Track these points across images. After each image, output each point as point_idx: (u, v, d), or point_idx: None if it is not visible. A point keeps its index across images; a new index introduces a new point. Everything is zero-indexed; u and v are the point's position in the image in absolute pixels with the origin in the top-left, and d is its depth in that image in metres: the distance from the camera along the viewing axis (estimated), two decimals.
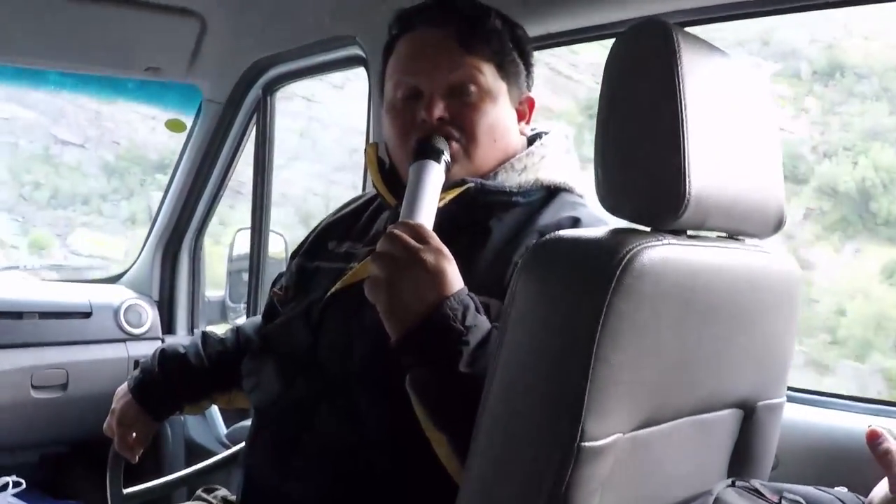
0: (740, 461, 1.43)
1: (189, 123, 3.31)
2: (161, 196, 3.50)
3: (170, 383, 1.95)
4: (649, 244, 1.11)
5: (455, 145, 1.59)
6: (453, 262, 1.37)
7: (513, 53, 1.67)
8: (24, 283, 3.51)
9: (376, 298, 1.37)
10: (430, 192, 1.49)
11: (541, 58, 1.87)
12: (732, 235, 1.34)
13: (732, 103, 1.28)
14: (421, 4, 1.69)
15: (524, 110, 1.72)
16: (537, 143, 1.70)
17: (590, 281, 1.09)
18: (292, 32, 2.65)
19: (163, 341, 3.35)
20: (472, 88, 1.61)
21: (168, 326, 3.46)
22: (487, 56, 1.63)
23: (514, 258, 1.51)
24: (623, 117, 1.19)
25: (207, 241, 3.51)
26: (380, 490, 1.50)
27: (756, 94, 1.34)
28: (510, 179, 1.62)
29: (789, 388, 1.52)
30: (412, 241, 1.36)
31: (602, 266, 1.08)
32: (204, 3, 2.59)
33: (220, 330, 2.06)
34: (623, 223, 1.21)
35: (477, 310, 1.36)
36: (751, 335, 1.34)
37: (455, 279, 1.36)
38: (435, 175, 1.52)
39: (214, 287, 3.58)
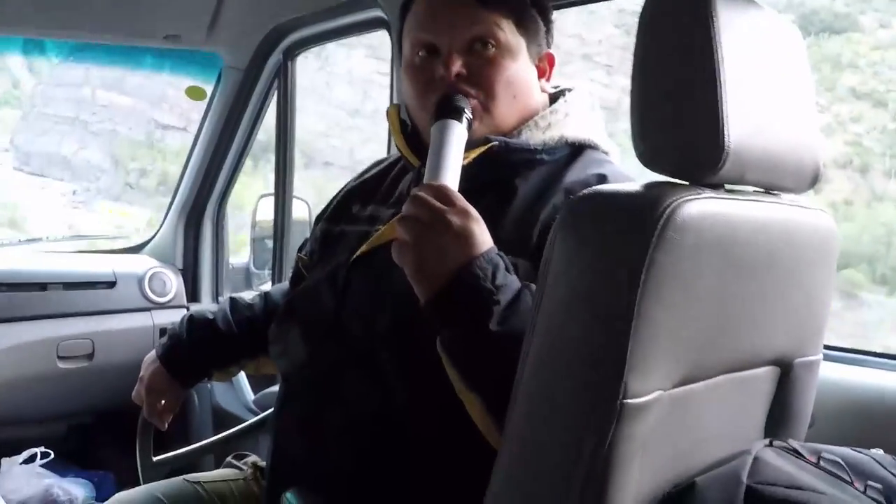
0: (777, 420, 1.41)
1: (209, 91, 3.30)
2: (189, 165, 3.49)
3: (198, 349, 1.96)
4: (689, 197, 1.09)
5: (475, 102, 1.57)
6: (481, 221, 1.35)
7: (531, 10, 1.64)
8: (48, 255, 3.51)
9: (403, 261, 1.34)
10: (454, 152, 1.46)
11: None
12: (769, 190, 1.31)
13: (768, 56, 1.24)
14: None
15: (544, 67, 1.69)
16: (561, 100, 1.67)
17: (631, 235, 1.07)
18: None
19: (188, 309, 3.36)
20: (491, 44, 1.59)
21: (193, 294, 3.48)
22: (505, 12, 1.60)
23: (542, 216, 1.49)
24: (658, 71, 1.16)
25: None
26: (409, 455, 1.49)
27: (790, 47, 1.31)
28: (534, 137, 1.60)
29: (825, 347, 1.50)
30: (437, 203, 1.33)
31: (643, 219, 1.06)
32: None
33: (246, 296, 2.05)
34: (653, 180, 1.18)
35: (507, 269, 1.34)
36: (788, 291, 1.32)
37: (483, 239, 1.34)
38: (457, 134, 1.49)
39: None
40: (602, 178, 1.52)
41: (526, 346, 1.16)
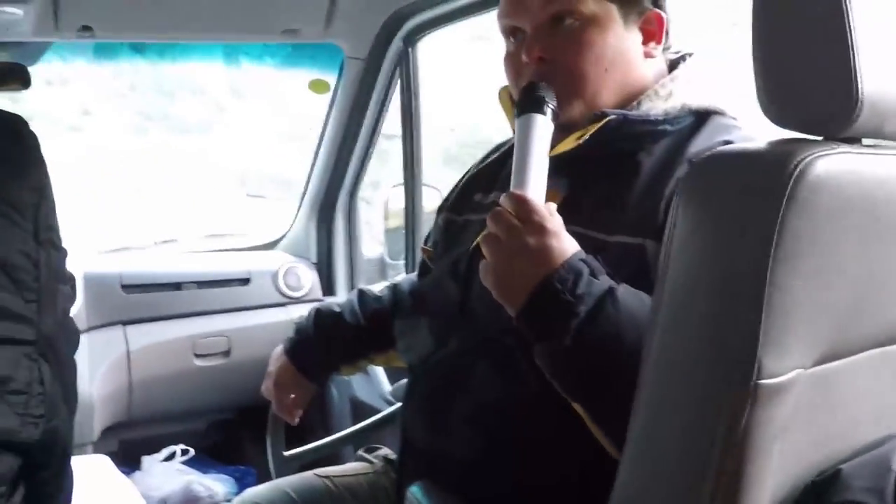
0: None
1: (333, 83, 3.26)
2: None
3: (324, 344, 1.93)
4: (823, 153, 0.99)
5: (561, 87, 1.47)
6: (560, 234, 1.31)
7: None
8: (183, 255, 3.56)
9: (486, 281, 1.34)
10: (536, 151, 1.40)
11: None
12: None
13: None
14: None
15: (652, 29, 1.55)
16: (681, 65, 1.57)
17: (759, 197, 0.98)
18: None
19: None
20: (570, 19, 1.48)
21: (328, 288, 3.47)
22: None
23: (666, 192, 1.40)
24: (781, 14, 1.06)
25: None
26: (536, 445, 1.43)
27: None
28: (655, 107, 1.50)
29: None
30: (514, 221, 1.31)
31: (772, 179, 0.97)
32: None
33: (375, 288, 2.02)
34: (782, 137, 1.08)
35: (592, 274, 1.29)
36: None
37: (561, 251, 1.30)
38: (538, 129, 1.42)
39: None
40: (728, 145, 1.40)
41: (651, 326, 1.09)
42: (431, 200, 3.20)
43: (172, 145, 8.29)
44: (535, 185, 1.37)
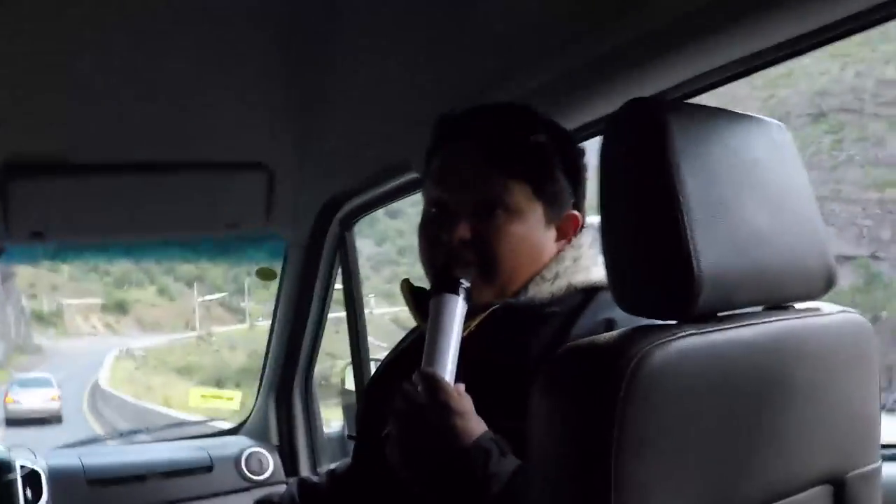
0: None
1: (279, 270, 3.36)
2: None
3: None
4: (662, 341, 1.06)
5: (477, 271, 1.53)
6: (465, 413, 1.36)
7: (556, 172, 1.58)
8: (147, 446, 3.59)
9: (392, 458, 1.38)
10: (448, 330, 1.45)
11: None
12: (777, 305, 1.28)
13: (744, 167, 1.22)
14: (458, 114, 1.62)
15: (567, 228, 1.61)
16: (567, 246, 1.61)
17: (597, 392, 1.04)
18: (355, 166, 2.68)
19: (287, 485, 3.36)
20: (499, 210, 1.54)
21: (292, 469, 3.46)
22: (519, 175, 1.55)
23: None
24: (622, 208, 1.15)
25: None
26: None
27: (774, 150, 1.28)
28: (541, 291, 1.55)
29: (885, 446, 1.43)
30: (419, 400, 1.37)
31: (608, 374, 1.03)
32: (268, 154, 2.64)
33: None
34: (643, 324, 1.15)
35: (502, 453, 1.33)
36: (820, 404, 1.27)
37: (468, 431, 1.35)
38: (451, 309, 1.47)
39: None
40: (610, 324, 1.44)
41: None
42: None
43: None
44: (445, 364, 1.42)
